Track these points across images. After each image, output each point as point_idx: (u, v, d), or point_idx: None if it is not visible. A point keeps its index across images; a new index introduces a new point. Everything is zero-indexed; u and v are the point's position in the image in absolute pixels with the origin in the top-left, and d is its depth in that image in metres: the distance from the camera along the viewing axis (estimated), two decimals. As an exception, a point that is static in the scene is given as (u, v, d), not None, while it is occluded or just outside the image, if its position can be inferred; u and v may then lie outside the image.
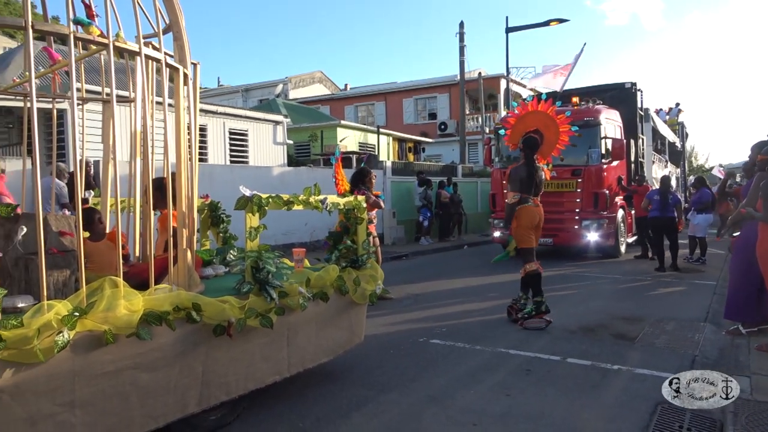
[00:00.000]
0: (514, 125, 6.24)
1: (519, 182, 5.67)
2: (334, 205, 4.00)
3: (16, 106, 8.34)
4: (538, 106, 6.08)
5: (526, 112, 6.15)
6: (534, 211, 5.70)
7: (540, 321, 5.56)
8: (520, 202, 5.65)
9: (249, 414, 3.35)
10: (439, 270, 10.02)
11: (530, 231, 5.68)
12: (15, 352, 2.19)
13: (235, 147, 13.40)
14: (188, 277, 3.15)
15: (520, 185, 5.67)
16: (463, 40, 19.78)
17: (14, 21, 2.40)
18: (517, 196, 5.63)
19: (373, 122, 27.00)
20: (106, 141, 3.99)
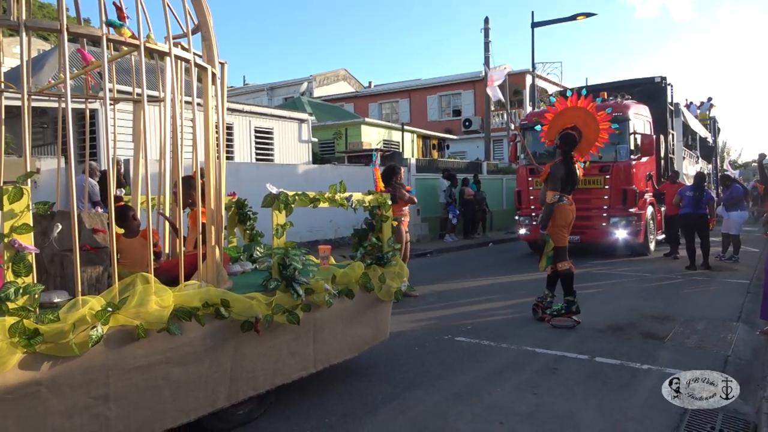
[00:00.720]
0: (551, 121, 6.06)
1: (559, 181, 5.54)
2: (359, 202, 4.01)
3: (50, 107, 8.57)
4: (578, 102, 5.90)
5: (565, 107, 5.96)
6: (569, 209, 5.60)
7: (568, 320, 5.50)
8: (558, 201, 5.53)
9: (276, 409, 3.40)
10: (464, 267, 9.98)
11: (564, 230, 5.60)
12: (52, 346, 2.26)
13: (261, 145, 13.54)
14: (217, 273, 3.20)
15: (560, 183, 5.54)
16: (487, 36, 19.61)
17: (50, 24, 2.46)
18: (557, 196, 5.49)
19: (397, 119, 26.99)
20: (137, 140, 4.08)
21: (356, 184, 8.24)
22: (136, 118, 4.12)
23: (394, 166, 7.38)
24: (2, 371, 2.11)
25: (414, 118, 27.84)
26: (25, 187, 2.27)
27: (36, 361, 2.23)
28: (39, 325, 2.23)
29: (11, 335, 2.14)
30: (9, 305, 2.18)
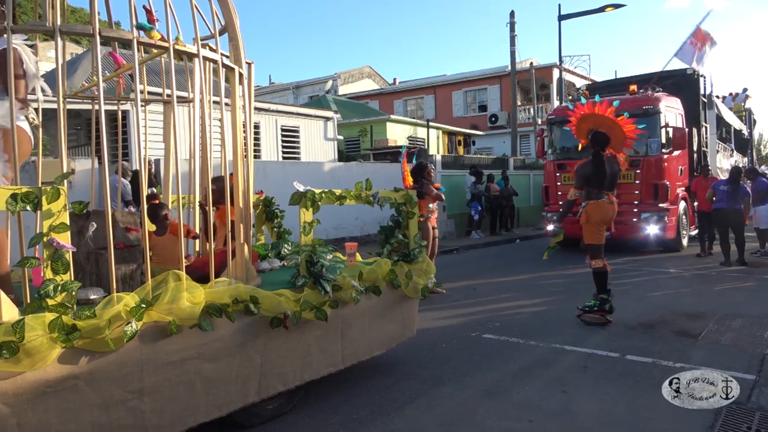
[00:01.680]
0: (577, 124, 5.97)
1: (584, 179, 5.49)
2: (385, 199, 4.02)
3: (84, 109, 8.79)
4: (595, 109, 5.74)
5: (585, 114, 5.82)
6: (607, 207, 5.51)
7: (600, 318, 5.42)
8: (590, 198, 5.47)
9: (305, 404, 3.43)
10: (491, 264, 9.91)
11: (601, 227, 5.51)
12: (89, 341, 2.34)
13: (287, 143, 13.66)
14: (246, 270, 3.26)
15: (584, 182, 5.49)
16: (513, 30, 19.38)
17: (83, 29, 2.53)
18: (578, 194, 5.46)
19: (422, 116, 26.91)
20: (167, 140, 4.16)
21: (382, 181, 8.25)
22: (166, 118, 4.21)
23: (423, 163, 7.36)
24: (43, 365, 2.19)
25: (439, 114, 27.72)
26: (62, 187, 2.34)
27: (74, 355, 2.30)
28: (77, 321, 2.30)
29: (51, 331, 2.22)
30: (48, 302, 2.26)
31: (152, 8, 3.22)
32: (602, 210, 5.49)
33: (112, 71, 3.89)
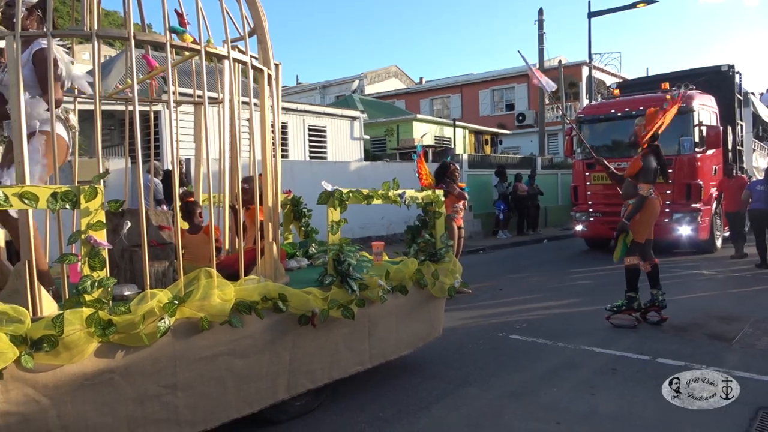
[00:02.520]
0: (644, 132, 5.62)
1: (653, 172, 5.26)
2: (412, 199, 4.03)
3: (117, 110, 9.01)
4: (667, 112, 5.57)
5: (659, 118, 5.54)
6: (657, 203, 5.36)
7: (630, 318, 5.33)
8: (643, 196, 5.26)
9: (332, 402, 3.47)
10: (518, 264, 9.83)
11: (651, 225, 5.35)
12: (124, 336, 2.41)
13: (314, 143, 13.76)
14: (274, 268, 3.30)
15: (654, 176, 5.28)
16: (542, 28, 19.16)
17: (119, 33, 2.61)
18: (652, 189, 5.25)
19: (448, 115, 26.80)
20: (198, 140, 4.24)
21: (408, 180, 8.23)
22: (197, 119, 4.29)
23: (447, 162, 7.34)
24: (80, 359, 2.26)
25: (466, 113, 27.56)
26: (99, 186, 2.41)
27: (110, 350, 2.37)
28: (112, 316, 2.37)
29: (88, 325, 2.29)
30: (86, 297, 2.34)
31: (184, 12, 3.28)
32: (656, 207, 5.33)
33: (145, 73, 3.98)
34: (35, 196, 2.26)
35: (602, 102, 12.15)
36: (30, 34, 2.63)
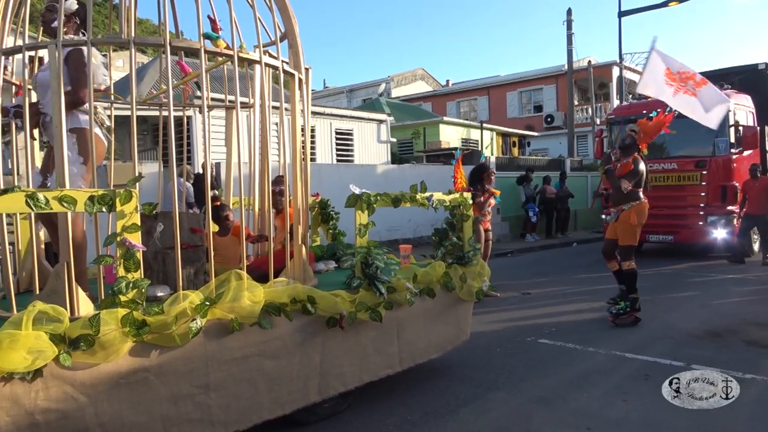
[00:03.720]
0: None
1: (641, 177, 5.49)
2: (440, 202, 4.02)
3: (150, 115, 9.21)
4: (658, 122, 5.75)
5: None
6: (646, 207, 5.57)
7: (634, 319, 5.46)
8: (637, 198, 5.46)
9: (359, 404, 3.48)
10: (547, 268, 9.71)
11: (639, 228, 5.54)
12: (157, 336, 2.46)
13: (341, 146, 13.84)
14: (303, 271, 3.34)
15: (641, 180, 5.50)
16: (570, 28, 18.91)
17: (155, 40, 2.68)
18: (629, 188, 5.41)
19: (475, 117, 26.64)
20: (229, 144, 4.31)
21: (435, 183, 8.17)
22: (229, 123, 4.36)
23: (486, 165, 7.30)
24: (116, 358, 2.32)
25: (493, 115, 27.36)
26: (134, 190, 2.48)
27: (144, 349, 2.43)
28: (146, 316, 2.43)
29: (123, 325, 2.35)
30: (121, 298, 2.40)
31: (216, 18, 3.35)
32: (646, 211, 5.53)
33: (178, 79, 4.07)
34: (74, 199, 2.34)
35: (634, 102, 11.93)
36: (70, 42, 2.71)
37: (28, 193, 2.22)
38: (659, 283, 7.74)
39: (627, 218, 5.48)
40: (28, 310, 2.19)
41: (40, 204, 2.23)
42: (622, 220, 5.53)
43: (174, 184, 2.85)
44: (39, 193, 2.25)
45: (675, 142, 10.07)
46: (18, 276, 3.44)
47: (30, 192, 2.23)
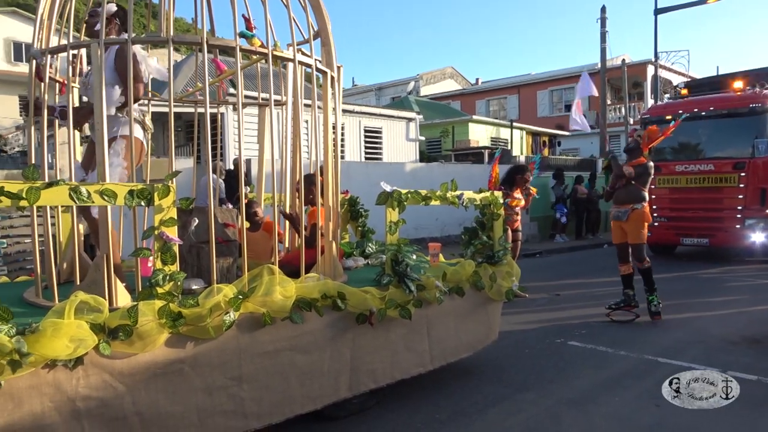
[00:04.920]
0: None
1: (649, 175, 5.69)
2: (470, 200, 4.00)
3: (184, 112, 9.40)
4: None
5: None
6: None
7: (629, 313, 5.74)
8: (644, 200, 5.64)
9: (388, 401, 3.49)
10: (577, 269, 9.57)
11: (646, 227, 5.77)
12: (192, 328, 2.51)
13: (370, 144, 13.89)
14: (333, 267, 3.36)
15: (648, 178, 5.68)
16: (604, 26, 18.53)
17: (192, 38, 2.73)
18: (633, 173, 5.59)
19: (505, 116, 26.41)
20: (262, 141, 4.37)
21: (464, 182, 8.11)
22: (261, 120, 4.42)
23: (519, 167, 7.21)
24: (153, 348, 2.38)
25: (523, 114, 27.06)
26: (171, 185, 2.54)
27: (179, 341, 2.49)
28: (182, 308, 2.48)
29: (160, 317, 2.41)
30: (158, 290, 2.46)
31: (251, 17, 3.40)
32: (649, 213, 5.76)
33: (213, 77, 4.14)
34: (114, 193, 2.40)
35: (669, 102, 11.66)
36: (112, 40, 2.79)
37: (72, 186, 2.29)
38: (693, 287, 7.55)
39: (641, 217, 5.58)
40: (71, 300, 2.26)
41: (82, 197, 2.30)
42: (634, 218, 5.60)
43: (209, 179, 2.91)
44: (81, 187, 2.32)
45: (712, 143, 9.83)
46: (59, 267, 3.55)
47: (73, 185, 2.30)
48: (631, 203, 5.59)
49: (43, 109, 2.96)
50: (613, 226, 5.86)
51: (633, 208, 5.57)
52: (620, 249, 5.90)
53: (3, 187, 2.10)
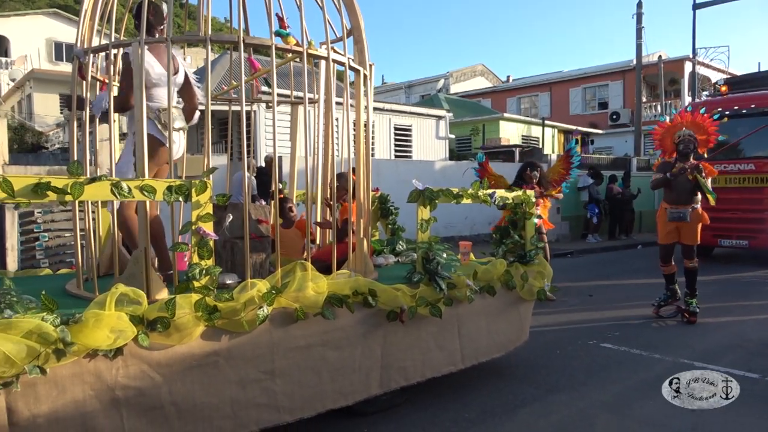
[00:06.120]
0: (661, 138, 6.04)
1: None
2: (502, 199, 3.97)
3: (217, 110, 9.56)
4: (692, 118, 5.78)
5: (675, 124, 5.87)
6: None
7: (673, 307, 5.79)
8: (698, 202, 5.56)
9: (416, 398, 3.49)
10: (609, 270, 9.39)
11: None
12: (227, 322, 2.56)
13: (400, 142, 13.88)
14: (364, 264, 3.38)
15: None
16: (640, 22, 18.14)
17: (229, 37, 2.78)
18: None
19: (536, 114, 26.07)
20: (294, 138, 4.42)
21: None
22: (294, 118, 4.47)
23: (528, 162, 7.13)
24: (189, 341, 2.44)
25: (555, 112, 26.66)
26: (208, 181, 2.59)
27: (214, 334, 2.54)
28: (217, 302, 2.53)
29: (196, 310, 2.46)
30: (195, 284, 2.51)
31: (284, 15, 3.44)
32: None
33: (248, 75, 4.21)
34: (153, 189, 2.46)
35: (708, 99, 11.33)
36: (154, 40, 2.86)
37: (113, 182, 2.36)
38: (731, 290, 7.34)
39: (701, 217, 5.52)
40: (112, 292, 2.33)
41: (123, 192, 2.37)
42: (695, 218, 5.52)
43: (245, 176, 2.96)
44: (123, 182, 2.38)
45: (752, 141, 9.52)
46: (98, 260, 3.66)
47: (115, 181, 2.37)
48: (692, 203, 5.53)
49: (86, 107, 3.06)
50: (668, 226, 5.70)
51: (693, 208, 5.52)
52: (666, 250, 5.82)
53: (50, 183, 2.18)
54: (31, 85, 21.75)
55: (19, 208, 5.69)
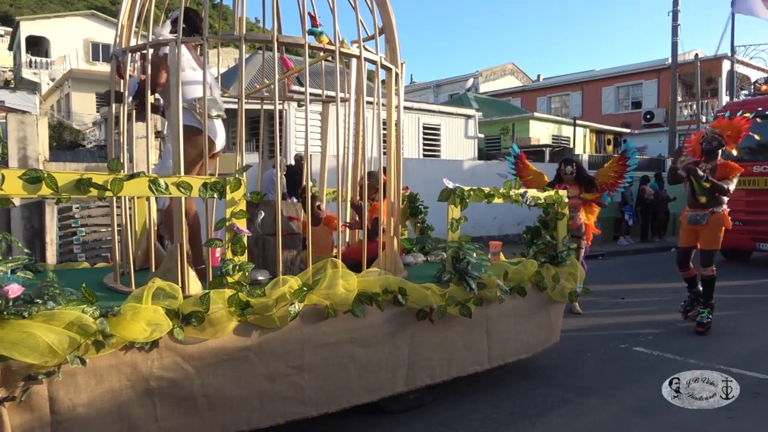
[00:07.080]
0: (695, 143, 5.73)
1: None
2: (534, 199, 3.93)
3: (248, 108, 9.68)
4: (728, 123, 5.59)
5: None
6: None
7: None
8: (723, 204, 5.32)
9: (444, 397, 3.48)
10: (643, 272, 9.19)
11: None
12: (259, 317, 2.60)
13: (428, 141, 13.84)
14: (394, 262, 3.38)
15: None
16: (676, 19, 17.67)
17: (263, 36, 2.81)
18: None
19: (567, 114, 25.67)
20: (324, 137, 4.45)
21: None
22: (324, 117, 4.50)
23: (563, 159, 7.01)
24: (222, 335, 2.48)
25: (586, 111, 26.20)
26: (242, 178, 2.63)
27: (246, 329, 2.58)
28: (250, 298, 2.57)
29: (229, 305, 2.50)
30: (228, 279, 2.55)
31: (316, 14, 3.46)
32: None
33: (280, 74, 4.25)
34: (189, 185, 2.51)
35: (747, 99, 11.00)
36: (189, 39, 2.91)
37: (151, 178, 2.42)
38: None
39: (720, 221, 5.26)
40: (148, 286, 2.38)
41: (160, 188, 2.42)
42: (713, 222, 5.27)
43: (278, 173, 3.00)
44: (160, 179, 2.44)
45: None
46: (134, 255, 3.75)
47: (152, 177, 2.42)
48: (711, 206, 5.27)
49: (123, 105, 3.13)
50: (687, 229, 5.52)
51: (713, 212, 5.27)
52: (683, 253, 5.63)
53: (91, 179, 2.24)
54: (69, 84, 22.43)
55: (59, 203, 5.87)
